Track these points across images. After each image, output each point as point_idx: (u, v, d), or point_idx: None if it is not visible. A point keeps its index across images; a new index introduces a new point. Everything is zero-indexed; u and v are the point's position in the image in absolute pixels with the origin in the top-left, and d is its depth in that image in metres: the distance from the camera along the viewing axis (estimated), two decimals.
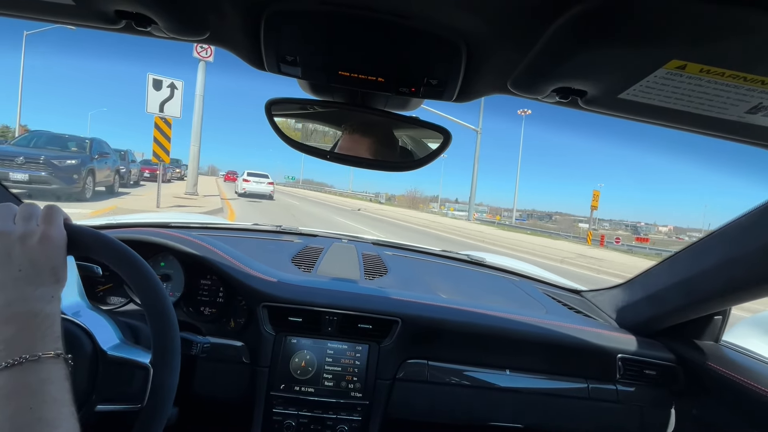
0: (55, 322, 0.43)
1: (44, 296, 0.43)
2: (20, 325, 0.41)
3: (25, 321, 0.41)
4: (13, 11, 0.43)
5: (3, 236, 0.44)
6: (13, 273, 0.43)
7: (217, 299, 0.90)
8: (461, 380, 0.89)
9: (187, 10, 0.42)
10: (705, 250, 0.81)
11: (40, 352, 0.40)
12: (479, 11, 0.38)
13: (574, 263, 8.94)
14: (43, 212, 0.48)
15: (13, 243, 0.44)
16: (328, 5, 0.40)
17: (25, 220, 0.46)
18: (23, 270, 0.43)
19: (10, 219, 0.46)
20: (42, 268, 0.44)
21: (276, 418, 0.82)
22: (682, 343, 0.95)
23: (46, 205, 0.49)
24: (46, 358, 0.40)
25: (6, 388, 0.38)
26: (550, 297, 1.21)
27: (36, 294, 0.43)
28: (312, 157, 0.65)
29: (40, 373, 0.39)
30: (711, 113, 0.40)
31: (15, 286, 0.42)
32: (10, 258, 0.43)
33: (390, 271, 1.15)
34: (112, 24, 0.43)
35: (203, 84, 11.53)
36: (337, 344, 0.86)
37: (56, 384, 0.40)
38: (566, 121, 69.54)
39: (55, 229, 0.47)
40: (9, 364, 0.38)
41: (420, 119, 0.63)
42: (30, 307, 0.42)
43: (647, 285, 0.98)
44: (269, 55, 0.49)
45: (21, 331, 0.40)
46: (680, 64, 0.33)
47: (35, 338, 0.41)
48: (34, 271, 0.43)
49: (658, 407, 0.94)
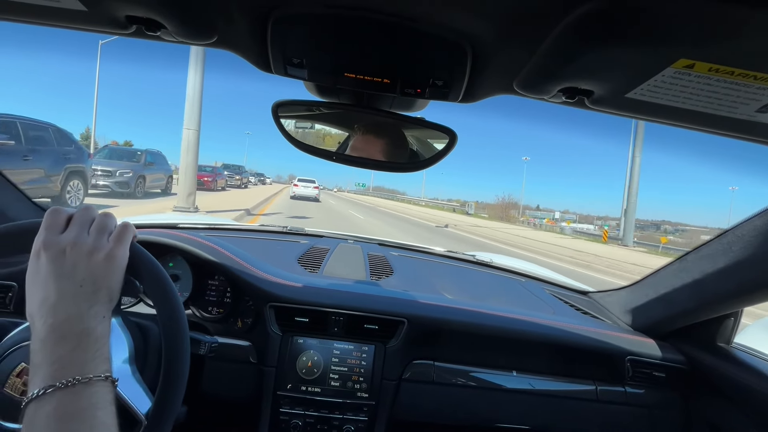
0: (106, 343, 0.42)
1: (98, 315, 0.42)
2: (75, 344, 0.39)
3: (79, 340, 0.40)
4: (28, 17, 0.44)
5: (76, 247, 0.43)
6: (74, 287, 0.42)
7: (225, 299, 0.91)
8: (467, 381, 0.89)
9: (196, 14, 0.43)
10: (716, 250, 0.80)
11: (92, 374, 0.39)
12: (485, 13, 0.38)
13: None
14: (117, 229, 0.47)
15: (83, 256, 0.43)
16: (334, 8, 0.40)
17: (99, 233, 0.45)
18: (84, 286, 0.42)
19: (86, 227, 0.45)
20: (101, 287, 0.43)
21: (283, 418, 0.83)
22: (692, 344, 0.93)
23: (122, 223, 0.49)
24: (97, 380, 0.39)
25: (57, 411, 0.36)
26: (557, 298, 1.20)
27: (91, 312, 0.42)
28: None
29: (90, 397, 0.38)
30: (721, 112, 0.40)
31: (74, 301, 0.41)
32: (75, 271, 0.42)
33: (396, 271, 1.15)
34: (123, 29, 0.44)
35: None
36: (343, 344, 0.86)
37: (105, 409, 0.39)
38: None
39: (122, 249, 0.46)
40: (63, 385, 0.37)
41: (426, 120, 0.63)
42: (85, 326, 0.41)
43: (657, 286, 0.96)
44: (276, 58, 0.50)
45: (75, 351, 0.39)
46: (688, 63, 0.33)
47: (87, 359, 0.39)
48: (93, 288, 0.43)
49: (668, 410, 0.93)
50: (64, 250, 0.43)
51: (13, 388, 0.46)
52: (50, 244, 0.43)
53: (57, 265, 0.42)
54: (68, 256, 0.43)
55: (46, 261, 0.42)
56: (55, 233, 0.44)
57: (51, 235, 0.44)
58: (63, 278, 0.42)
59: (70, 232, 0.44)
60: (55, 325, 0.39)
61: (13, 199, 0.91)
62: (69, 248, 0.43)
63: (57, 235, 0.44)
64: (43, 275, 0.42)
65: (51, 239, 0.44)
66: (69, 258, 0.43)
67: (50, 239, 0.44)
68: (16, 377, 0.47)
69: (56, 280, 0.41)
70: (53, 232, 0.44)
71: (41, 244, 0.43)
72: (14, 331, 0.52)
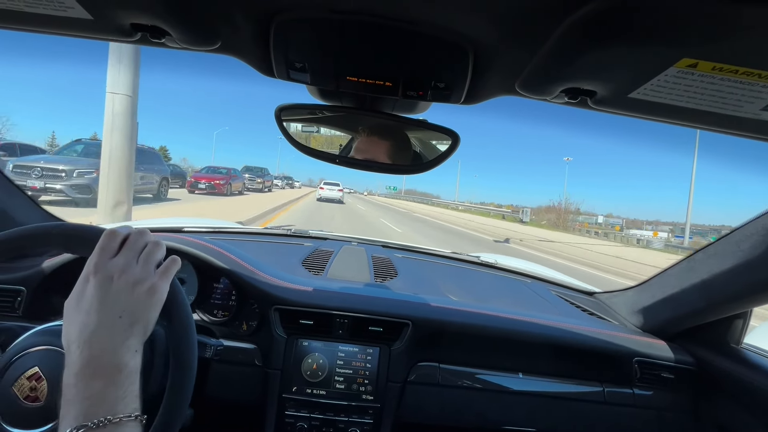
0: (136, 379, 0.41)
1: (131, 349, 0.41)
2: (107, 380, 0.38)
3: (111, 375, 0.39)
4: (36, 27, 0.45)
5: (123, 276, 0.42)
6: (113, 318, 0.41)
7: (230, 302, 0.91)
8: (473, 383, 0.89)
9: (200, 21, 0.44)
10: (724, 249, 0.79)
11: (122, 414, 0.38)
12: (486, 15, 0.38)
13: None
14: (166, 263, 0.47)
15: (128, 286, 0.42)
16: (335, 13, 0.41)
17: (147, 263, 0.45)
18: (123, 317, 0.41)
19: (136, 255, 0.45)
20: (138, 320, 0.42)
21: (288, 420, 0.83)
22: (701, 345, 0.92)
23: (171, 257, 0.48)
24: (126, 420, 0.38)
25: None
26: (563, 299, 1.19)
27: (125, 345, 0.41)
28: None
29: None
30: (725, 111, 0.40)
31: (111, 333, 0.40)
32: (117, 301, 0.41)
33: (400, 273, 1.15)
34: (128, 36, 0.44)
35: None
36: (348, 347, 0.86)
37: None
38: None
39: (166, 283, 0.46)
40: (94, 425, 0.36)
41: (428, 122, 0.63)
42: (118, 360, 0.40)
43: (664, 286, 0.95)
44: (279, 63, 0.50)
45: (107, 388, 0.38)
46: (691, 62, 0.32)
47: (118, 397, 0.38)
48: (130, 320, 0.42)
49: (677, 412, 0.91)
50: (111, 277, 0.42)
51: (20, 390, 0.47)
52: (100, 269, 0.43)
53: (102, 293, 0.41)
54: (114, 285, 0.42)
55: (93, 287, 0.42)
56: (107, 257, 0.44)
57: (103, 260, 0.43)
58: (105, 307, 0.41)
59: (121, 259, 0.44)
60: (91, 358, 0.39)
61: (21, 203, 0.93)
62: (116, 276, 0.42)
63: (108, 260, 0.44)
64: (87, 301, 0.41)
65: (102, 264, 0.43)
66: (114, 286, 0.42)
67: (101, 264, 0.43)
68: (27, 380, 0.47)
69: (98, 309, 0.41)
70: (106, 255, 0.44)
71: (93, 268, 0.43)
72: (24, 335, 0.52)
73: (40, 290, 0.83)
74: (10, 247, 0.51)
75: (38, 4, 0.39)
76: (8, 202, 0.89)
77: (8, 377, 0.48)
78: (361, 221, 12.26)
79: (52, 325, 0.54)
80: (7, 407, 0.47)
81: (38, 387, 0.47)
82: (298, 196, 20.97)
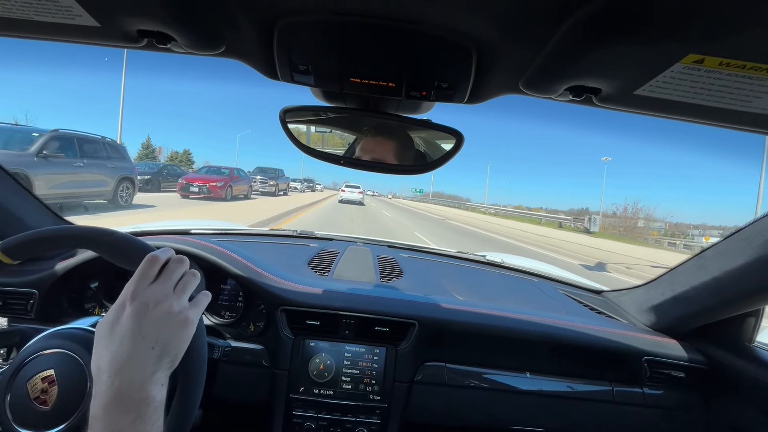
0: (162, 413, 0.40)
1: (158, 381, 0.40)
2: (135, 414, 0.37)
3: (139, 409, 0.38)
4: (45, 35, 0.46)
5: (159, 306, 0.42)
6: (146, 349, 0.40)
7: (237, 303, 0.92)
8: (480, 383, 0.88)
9: (204, 26, 0.44)
10: (735, 247, 0.78)
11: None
12: (489, 14, 0.38)
13: None
14: (199, 297, 0.47)
15: (162, 316, 0.42)
16: (338, 15, 0.41)
17: (182, 293, 0.44)
18: (155, 348, 0.40)
19: (174, 284, 0.44)
20: (168, 352, 0.41)
21: (296, 421, 0.84)
22: (712, 344, 0.91)
23: (203, 293, 0.48)
24: None
25: None
26: (570, 297, 1.18)
27: (154, 378, 0.40)
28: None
29: None
30: (734, 106, 0.39)
31: (142, 364, 0.39)
32: (151, 331, 0.41)
33: (405, 273, 1.15)
34: (134, 42, 0.45)
35: None
36: (354, 347, 0.86)
37: None
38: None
39: (197, 316, 0.45)
40: None
41: (432, 122, 0.63)
42: (147, 393, 0.39)
43: (674, 284, 0.94)
44: (282, 66, 0.50)
45: (134, 422, 0.37)
46: (698, 58, 0.32)
47: (144, 431, 0.38)
48: (161, 352, 0.41)
49: (688, 411, 0.90)
50: (148, 306, 0.42)
51: (32, 389, 0.48)
52: (138, 296, 0.42)
53: (138, 321, 0.41)
54: (150, 314, 0.41)
55: (129, 314, 0.41)
56: (146, 284, 0.43)
57: (141, 286, 0.43)
58: (138, 337, 0.40)
59: (158, 288, 0.43)
60: (121, 390, 0.38)
61: (34, 208, 0.94)
62: (152, 305, 0.42)
63: (146, 287, 0.43)
64: (122, 328, 0.40)
65: (140, 291, 0.42)
66: (150, 315, 0.41)
67: (139, 291, 0.42)
68: (41, 381, 0.48)
69: (132, 338, 0.40)
70: (144, 282, 0.43)
71: (131, 295, 0.42)
72: (36, 338, 0.53)
73: (52, 292, 0.85)
74: (59, 244, 0.52)
75: (47, 12, 0.40)
76: (21, 206, 0.90)
77: (22, 376, 0.49)
78: (390, 236, 9.38)
79: (65, 327, 0.55)
80: (17, 406, 0.48)
81: (49, 391, 0.48)
82: (312, 201, 17.91)
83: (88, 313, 0.91)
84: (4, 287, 0.83)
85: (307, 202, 15.28)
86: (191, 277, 0.47)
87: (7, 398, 0.48)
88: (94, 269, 0.88)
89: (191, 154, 42.29)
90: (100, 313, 0.91)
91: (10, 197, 0.87)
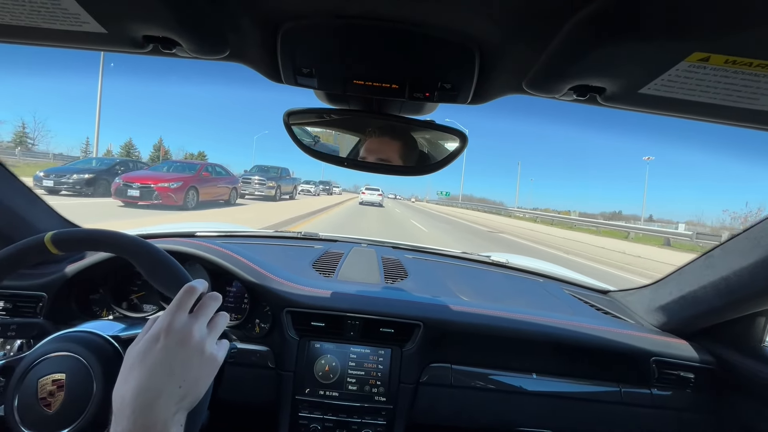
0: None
1: (178, 423, 0.39)
2: None
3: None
4: (52, 42, 0.47)
5: (193, 343, 0.41)
6: (174, 387, 0.39)
7: (243, 305, 0.92)
8: (486, 384, 0.88)
9: (209, 31, 0.45)
10: (744, 245, 0.77)
11: None
12: (492, 15, 0.38)
13: None
14: (224, 341, 0.46)
15: (195, 355, 0.40)
16: (341, 18, 0.41)
17: (214, 332, 0.44)
18: (182, 387, 0.39)
19: (206, 321, 0.43)
20: (192, 392, 0.40)
21: (302, 422, 0.84)
22: (721, 344, 0.90)
23: (225, 341, 0.47)
24: None
25: None
26: (577, 298, 1.17)
27: (175, 418, 0.38)
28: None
29: None
30: (740, 104, 0.39)
31: (167, 403, 0.38)
32: (181, 369, 0.39)
33: (410, 274, 1.15)
34: (140, 48, 0.46)
35: None
36: (359, 348, 0.86)
37: None
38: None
39: (222, 357, 0.44)
40: None
41: (436, 123, 0.63)
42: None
43: (682, 284, 0.93)
44: (286, 69, 0.51)
45: None
46: (703, 56, 0.32)
47: None
48: (186, 391, 0.40)
49: (698, 412, 0.89)
50: (183, 341, 0.40)
51: (41, 389, 0.48)
52: (174, 330, 0.40)
53: (171, 357, 0.39)
54: (183, 350, 0.40)
55: (163, 348, 0.40)
56: (183, 316, 0.42)
57: (179, 319, 0.41)
58: (170, 374, 0.39)
59: (195, 325, 0.42)
60: (143, 428, 0.36)
61: (42, 211, 0.96)
62: (187, 341, 0.41)
63: (183, 321, 0.42)
64: (153, 360, 0.39)
65: (177, 325, 0.41)
66: (183, 353, 0.40)
67: (177, 324, 0.41)
68: (51, 383, 0.49)
69: (162, 373, 0.39)
70: (182, 314, 0.42)
71: (167, 326, 0.41)
72: (48, 338, 0.54)
73: (61, 295, 0.86)
74: (104, 248, 0.52)
75: (55, 20, 0.40)
76: (30, 209, 0.92)
77: (33, 376, 0.49)
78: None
79: (75, 330, 0.56)
80: (24, 405, 0.48)
81: (55, 395, 0.48)
82: (320, 208, 13.42)
83: (96, 316, 0.92)
84: (14, 290, 0.84)
85: (310, 210, 11.43)
86: (222, 318, 0.46)
87: (15, 401, 0.48)
88: (102, 272, 0.89)
89: (206, 156, 41.31)
90: (107, 315, 0.92)
91: (20, 201, 0.89)
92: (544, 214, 29.65)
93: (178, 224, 1.57)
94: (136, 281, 0.95)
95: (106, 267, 0.87)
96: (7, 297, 0.84)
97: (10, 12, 0.39)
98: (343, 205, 17.34)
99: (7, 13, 0.40)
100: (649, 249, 12.16)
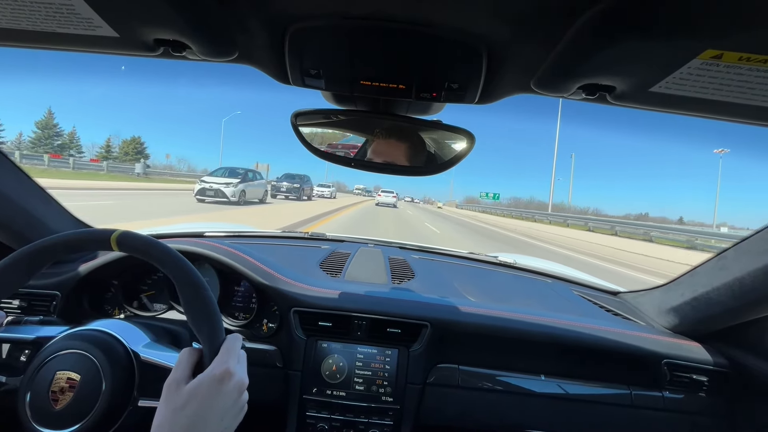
0: None
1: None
2: None
3: None
4: (66, 46, 0.48)
5: (238, 383, 0.42)
6: (217, 427, 0.39)
7: (250, 305, 0.93)
8: (494, 385, 0.87)
9: (218, 34, 0.45)
10: (758, 246, 0.75)
11: None
12: (500, 15, 0.38)
13: None
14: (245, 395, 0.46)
15: (238, 395, 0.42)
16: (349, 19, 0.41)
17: (244, 372, 0.45)
18: (222, 423, 0.40)
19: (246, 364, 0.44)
20: (231, 426, 0.41)
21: (309, 422, 0.84)
22: (735, 346, 0.88)
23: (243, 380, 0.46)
24: None
25: None
26: (586, 299, 1.16)
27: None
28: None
29: None
30: (755, 102, 0.38)
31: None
32: (227, 414, 0.40)
33: (417, 274, 1.15)
34: (151, 51, 0.46)
35: None
36: (366, 348, 0.87)
37: None
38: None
39: (245, 400, 0.45)
40: None
41: (443, 123, 0.63)
42: None
43: (694, 285, 0.91)
44: (294, 70, 0.51)
45: None
46: (716, 53, 0.31)
47: None
48: (224, 428, 0.41)
49: (711, 416, 0.87)
50: (237, 389, 0.41)
51: (54, 384, 0.49)
52: (232, 374, 0.41)
53: (228, 401, 0.40)
54: (241, 400, 0.42)
55: (224, 393, 0.40)
56: (239, 367, 0.43)
57: (233, 365, 0.42)
58: (223, 416, 0.40)
59: (240, 369, 0.43)
60: None
61: (56, 212, 0.98)
62: (240, 390, 0.42)
63: (240, 369, 0.43)
64: (212, 403, 0.39)
65: (234, 372, 0.41)
66: (240, 402, 0.42)
67: (233, 371, 0.41)
68: (65, 382, 0.50)
69: (216, 416, 0.39)
70: (234, 359, 0.43)
71: (232, 370, 0.41)
72: (60, 336, 0.55)
73: (74, 294, 0.88)
74: (153, 259, 0.51)
75: (69, 24, 0.41)
76: (44, 210, 0.94)
77: (45, 372, 0.50)
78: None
79: (86, 329, 0.57)
80: (35, 399, 0.49)
81: (66, 392, 0.49)
82: (317, 214, 10.44)
83: (108, 315, 0.94)
84: (29, 289, 0.86)
85: (300, 220, 8.26)
86: (244, 358, 0.47)
87: (27, 397, 0.49)
88: (114, 271, 0.90)
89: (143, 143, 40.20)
90: (119, 314, 0.94)
91: (35, 202, 0.90)
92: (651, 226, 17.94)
93: (188, 224, 1.59)
94: (147, 280, 0.96)
95: (118, 266, 0.89)
96: (22, 296, 0.86)
97: (27, 17, 0.40)
98: (350, 209, 14.49)
99: (24, 19, 0.41)
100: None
